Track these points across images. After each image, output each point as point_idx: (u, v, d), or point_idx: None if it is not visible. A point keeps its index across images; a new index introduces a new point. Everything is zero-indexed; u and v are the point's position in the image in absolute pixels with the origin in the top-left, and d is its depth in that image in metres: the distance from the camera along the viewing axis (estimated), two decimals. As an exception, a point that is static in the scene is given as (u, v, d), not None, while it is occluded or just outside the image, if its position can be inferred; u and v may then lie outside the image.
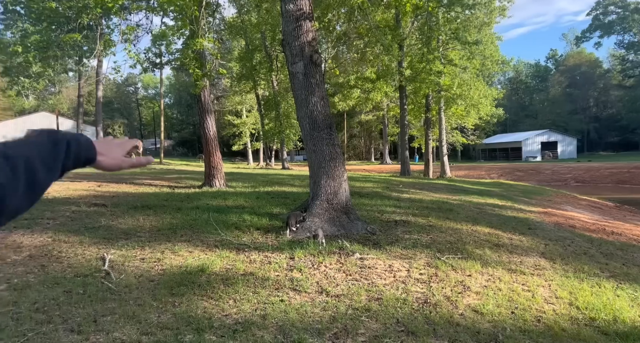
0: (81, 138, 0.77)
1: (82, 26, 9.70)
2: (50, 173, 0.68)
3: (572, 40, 70.96)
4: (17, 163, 0.63)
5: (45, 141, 0.71)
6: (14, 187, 0.61)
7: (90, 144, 0.78)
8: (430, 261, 4.68)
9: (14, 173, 0.61)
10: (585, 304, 3.67)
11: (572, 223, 8.17)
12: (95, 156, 0.78)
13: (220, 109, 43.31)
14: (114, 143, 0.86)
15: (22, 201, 0.63)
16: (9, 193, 0.60)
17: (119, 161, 0.83)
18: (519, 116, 66.14)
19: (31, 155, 0.66)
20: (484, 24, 22.26)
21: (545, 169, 32.64)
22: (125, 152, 0.86)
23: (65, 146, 0.71)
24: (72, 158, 0.73)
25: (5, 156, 0.62)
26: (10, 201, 0.60)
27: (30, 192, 0.65)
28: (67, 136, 0.74)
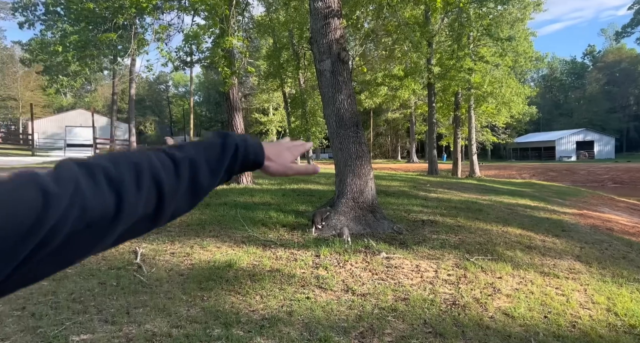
0: (250, 142, 0.75)
1: (117, 26, 10.02)
2: (213, 176, 0.67)
3: (611, 35, 67.82)
4: (182, 165, 0.62)
5: (214, 144, 0.70)
6: (175, 188, 0.60)
7: (260, 149, 0.75)
8: (459, 262, 4.59)
9: (177, 175, 0.61)
10: (625, 310, 3.51)
11: (609, 226, 7.82)
12: (263, 160, 0.76)
13: (248, 107, 43.86)
14: (284, 147, 0.82)
15: (182, 203, 0.63)
16: (170, 194, 0.59)
17: (286, 168, 0.80)
18: (552, 115, 63.83)
19: (197, 157, 0.65)
20: (518, 20, 21.55)
21: (581, 169, 31.39)
22: (295, 157, 0.83)
23: (233, 149, 0.70)
24: (239, 161, 0.71)
25: (173, 158, 0.62)
26: (170, 202, 0.60)
27: (191, 194, 0.64)
28: (237, 140, 0.72)
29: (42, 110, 51.55)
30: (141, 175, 0.57)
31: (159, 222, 0.61)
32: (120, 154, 0.59)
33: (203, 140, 0.71)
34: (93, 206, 0.49)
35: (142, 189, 0.56)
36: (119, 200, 0.52)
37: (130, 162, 0.58)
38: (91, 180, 0.51)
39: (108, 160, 0.56)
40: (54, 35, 13.40)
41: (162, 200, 0.58)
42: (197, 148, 0.68)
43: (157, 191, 0.58)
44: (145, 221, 0.58)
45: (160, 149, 0.65)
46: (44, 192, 0.46)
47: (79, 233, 0.49)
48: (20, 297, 3.29)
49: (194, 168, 0.64)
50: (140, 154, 0.61)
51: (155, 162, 0.60)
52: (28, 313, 3.02)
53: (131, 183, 0.55)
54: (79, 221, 0.48)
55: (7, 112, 53.53)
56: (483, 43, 19.11)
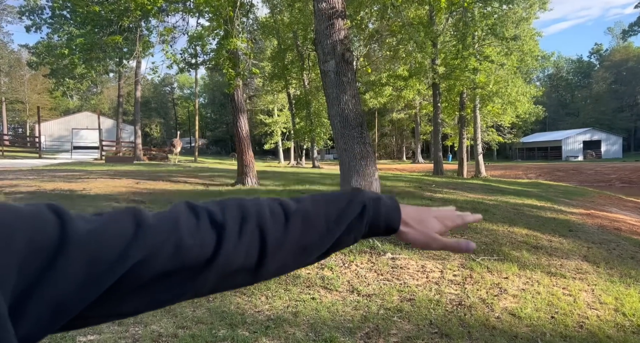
0: (384, 201, 0.66)
1: (122, 29, 10.11)
2: (329, 234, 0.60)
3: (618, 34, 67.29)
4: (294, 218, 0.58)
5: (339, 200, 0.63)
6: (281, 241, 0.56)
7: (395, 211, 0.65)
8: (465, 262, 4.57)
9: (285, 227, 0.57)
10: (633, 311, 3.47)
11: (617, 226, 7.75)
12: (398, 225, 0.66)
13: (253, 108, 44.00)
14: (431, 214, 0.69)
15: (289, 259, 0.58)
16: (275, 247, 0.55)
17: (429, 238, 0.67)
18: (559, 114, 63.44)
19: (313, 211, 0.60)
20: (523, 19, 21.45)
21: (588, 169, 31.14)
22: (446, 229, 0.69)
23: (359, 208, 0.63)
24: (365, 222, 0.63)
25: (285, 208, 0.59)
26: (273, 256, 0.55)
27: (301, 251, 0.59)
28: (366, 198, 0.64)
29: (49, 113, 52.06)
30: (245, 222, 0.54)
31: (260, 276, 0.56)
32: (233, 200, 0.58)
33: (331, 194, 0.65)
34: (188, 246, 0.48)
35: (244, 237, 0.53)
36: (217, 244, 0.50)
37: (238, 207, 0.56)
38: (193, 220, 0.50)
39: (217, 204, 0.56)
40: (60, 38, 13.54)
41: (265, 252, 0.55)
42: (318, 202, 0.63)
43: (260, 241, 0.54)
44: (244, 273, 0.55)
45: (277, 200, 0.62)
46: (138, 224, 0.47)
47: (171, 273, 0.47)
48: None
49: (307, 222, 0.59)
50: (252, 201, 0.59)
51: (264, 211, 0.57)
52: (35, 314, 3.05)
53: (233, 228, 0.53)
54: (171, 259, 0.47)
55: (14, 115, 54.12)
56: (488, 43, 19.04)
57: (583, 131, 51.78)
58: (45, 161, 21.41)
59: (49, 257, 0.40)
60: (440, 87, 19.92)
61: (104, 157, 24.58)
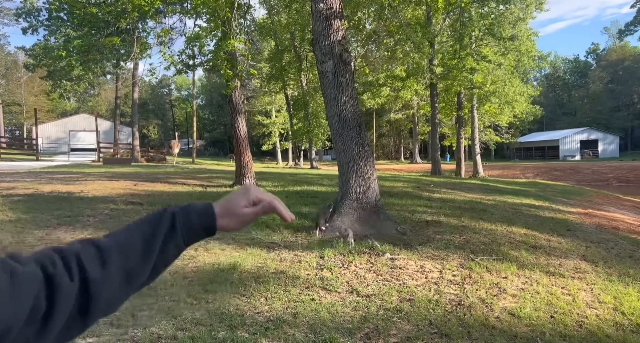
0: (193, 207, 0.68)
1: (120, 30, 10.08)
2: (147, 256, 0.61)
3: (614, 34, 67.44)
4: (110, 251, 0.58)
5: (151, 220, 0.65)
6: (103, 277, 0.56)
7: (207, 211, 0.68)
8: (464, 262, 4.57)
9: (102, 262, 0.57)
10: (632, 310, 3.48)
11: (615, 225, 7.77)
12: (214, 222, 0.68)
13: (250, 109, 43.96)
14: (235, 194, 0.74)
15: (115, 292, 0.59)
16: (98, 284, 0.55)
17: (243, 218, 0.72)
18: (556, 114, 63.59)
19: (127, 240, 0.61)
20: (520, 20, 21.50)
21: (585, 168, 31.23)
22: (249, 201, 0.73)
23: (169, 220, 0.64)
24: (179, 230, 0.65)
25: (99, 246, 0.59)
26: (99, 292, 0.56)
27: (124, 281, 0.59)
28: (175, 210, 0.66)
29: (46, 115, 51.90)
30: (71, 268, 0.54)
31: (89, 320, 0.57)
32: (53, 248, 0.58)
33: (144, 217, 0.67)
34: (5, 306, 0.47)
35: (74, 281, 0.54)
36: (51, 293, 0.51)
37: (58, 255, 0.56)
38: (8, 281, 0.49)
39: (45, 256, 0.55)
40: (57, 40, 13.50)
41: (87, 292, 0.55)
42: (130, 227, 0.64)
43: (80, 284, 0.55)
44: (75, 319, 0.54)
45: (88, 240, 0.61)
46: None
47: (22, 328, 0.48)
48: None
49: (123, 250, 0.60)
50: (67, 248, 0.58)
51: (80, 253, 0.57)
52: (34, 317, 3.03)
53: (63, 277, 0.53)
54: (28, 319, 0.48)
55: (11, 117, 53.95)
56: (485, 43, 19.07)
57: (580, 131, 51.92)
58: (42, 163, 21.33)
59: None
60: (438, 87, 19.94)
61: (101, 159, 24.51)
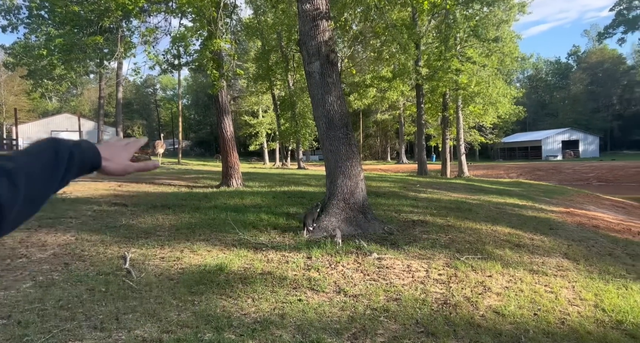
0: (84, 145, 0.75)
1: (103, 29, 9.92)
2: (50, 183, 0.67)
3: (594, 36, 69.05)
4: (18, 176, 0.62)
5: (47, 151, 0.69)
6: (13, 199, 0.60)
7: (95, 151, 0.76)
8: (449, 261, 4.62)
9: (13, 185, 0.61)
10: (612, 306, 3.56)
11: (595, 223, 7.95)
12: (100, 162, 0.76)
13: (237, 109, 43.72)
14: (119, 146, 0.83)
15: (22, 213, 0.63)
16: (8, 206, 0.59)
17: (124, 166, 0.81)
18: (538, 115, 64.75)
19: (32, 166, 0.65)
20: (503, 22, 21.84)
21: (567, 168, 31.89)
22: (131, 154, 0.83)
23: (67, 154, 0.70)
24: (75, 166, 0.71)
25: (6, 169, 0.62)
26: (9, 214, 0.60)
27: (30, 203, 0.64)
28: (69, 145, 0.72)
29: (27, 114, 50.71)
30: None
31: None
32: None
33: (34, 148, 0.70)
34: None
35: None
36: None
37: None
38: None
39: None
40: (38, 38, 13.20)
41: (1, 214, 0.59)
42: (30, 156, 0.67)
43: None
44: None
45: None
46: None
47: None
48: (5, 305, 3.22)
49: (30, 177, 0.64)
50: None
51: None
52: (14, 322, 2.96)
53: None
54: None
55: (-10, 117, 52.51)
56: (470, 44, 19.33)
57: (562, 131, 52.99)
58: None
59: None
60: (424, 88, 20.13)
61: (84, 160, 24.07)
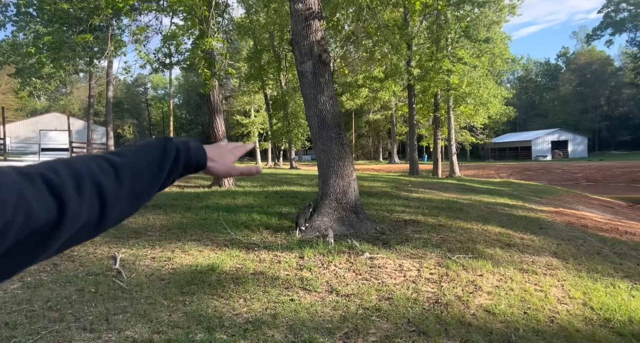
0: (192, 145, 0.76)
1: (93, 27, 9.80)
2: (155, 180, 0.68)
3: (582, 38, 70.01)
4: (124, 171, 0.63)
5: (155, 148, 0.70)
6: (117, 194, 0.60)
7: (202, 151, 0.77)
8: (441, 260, 4.65)
9: (118, 180, 0.61)
10: (600, 304, 3.61)
11: (584, 223, 8.06)
12: (206, 162, 0.77)
13: (229, 109, 43.52)
14: (226, 149, 0.84)
15: (125, 207, 0.63)
16: (112, 200, 0.59)
17: (228, 168, 0.81)
18: (528, 115, 65.48)
19: (138, 162, 0.66)
20: (494, 23, 22.03)
21: (556, 168, 32.27)
22: (236, 158, 0.84)
23: (174, 153, 0.71)
24: (181, 165, 0.72)
25: (114, 164, 0.62)
26: (112, 208, 0.59)
27: (134, 199, 0.64)
28: (177, 144, 0.73)
29: (15, 113, 50.00)
30: (82, 181, 0.56)
31: (102, 227, 0.60)
32: (59, 161, 0.59)
33: (143, 145, 0.71)
34: (37, 212, 0.49)
35: (84, 195, 0.55)
36: (61, 206, 0.52)
37: (69, 168, 0.57)
38: (32, 187, 0.50)
39: (46, 168, 0.56)
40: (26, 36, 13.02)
41: (105, 206, 0.58)
42: (138, 153, 0.68)
43: (99, 197, 0.58)
44: (88, 227, 0.58)
45: (100, 156, 0.65)
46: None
47: (24, 241, 0.48)
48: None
49: (135, 172, 0.64)
50: (78, 161, 0.60)
51: (94, 168, 0.60)
52: (1, 323, 2.92)
53: (72, 189, 0.54)
54: (23, 228, 0.47)
55: (-23, 115, 51.67)
56: (461, 45, 19.47)
57: (551, 132, 53.61)
58: (10, 163, 20.55)
59: None
60: (416, 88, 20.22)
61: (73, 159, 23.77)
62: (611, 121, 61.84)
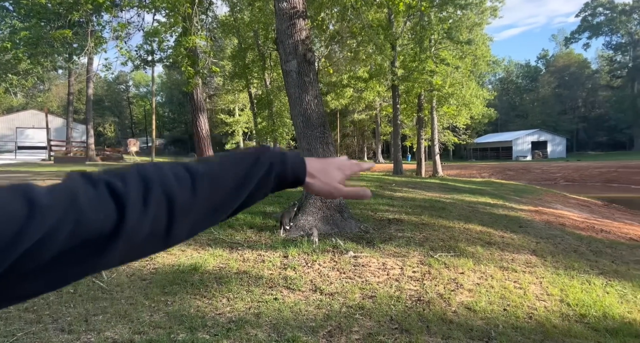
0: (289, 156, 0.69)
1: (72, 23, 9.57)
2: (239, 192, 0.62)
3: (561, 41, 71.74)
4: (202, 181, 0.57)
5: (245, 159, 0.65)
6: (188, 203, 0.55)
7: (300, 164, 0.69)
8: (424, 259, 4.71)
9: (192, 189, 0.56)
10: (576, 301, 3.71)
11: (562, 222, 8.26)
12: (304, 177, 0.69)
13: (213, 107, 43.12)
14: (334, 165, 0.74)
15: (200, 220, 0.58)
16: (181, 209, 0.54)
17: (332, 188, 0.71)
18: (509, 116, 66.70)
19: (221, 172, 0.61)
20: (476, 25, 22.40)
21: (535, 168, 32.97)
22: (346, 177, 0.74)
23: (266, 165, 0.65)
24: (273, 178, 0.65)
25: (192, 172, 0.57)
26: (182, 220, 0.54)
27: (212, 211, 0.59)
28: (272, 155, 0.67)
29: (-10, 110, 48.47)
30: (150, 190, 0.52)
31: (171, 241, 0.56)
32: (131, 167, 0.55)
33: (236, 154, 0.66)
34: (89, 221, 0.46)
35: (150, 205, 0.51)
36: (120, 216, 0.48)
37: (140, 175, 0.54)
38: (92, 194, 0.48)
39: (115, 174, 0.53)
40: (2, 31, 12.64)
41: (173, 217, 0.54)
42: (224, 163, 0.63)
43: (167, 208, 0.53)
44: (155, 239, 0.53)
45: (180, 163, 0.60)
46: (30, 203, 0.43)
47: (74, 250, 0.45)
48: (-34, 309, 3.07)
49: (215, 183, 0.59)
50: (154, 168, 0.56)
51: (169, 176, 0.55)
52: (-25, 326, 2.83)
53: (137, 198, 0.51)
54: (73, 236, 0.45)
55: (-51, 112, 49.93)
56: (444, 46, 19.71)
57: (531, 132, 54.76)
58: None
59: None
60: (400, 89, 20.40)
61: (52, 157, 23.22)
62: (588, 122, 63.54)
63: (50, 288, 0.47)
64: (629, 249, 6.14)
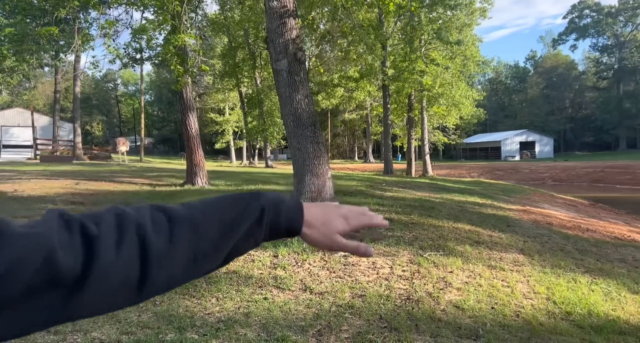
0: (285, 204, 0.62)
1: (59, 20, 9.43)
2: (223, 242, 0.56)
3: (549, 42, 72.69)
4: (180, 227, 0.53)
5: (235, 205, 0.59)
6: (165, 253, 0.51)
7: (296, 213, 0.63)
8: (413, 258, 4.73)
9: (169, 236, 0.52)
10: (562, 299, 3.77)
11: (549, 221, 8.37)
12: (300, 228, 0.63)
13: (203, 106, 42.85)
14: (337, 212, 0.67)
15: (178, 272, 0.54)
16: (156, 258, 0.51)
17: (331, 242, 0.65)
18: (498, 116, 67.44)
19: (204, 219, 0.56)
20: (465, 25, 22.59)
21: (524, 168, 33.38)
22: (351, 229, 0.67)
23: (257, 213, 0.59)
24: (264, 227, 0.60)
25: (171, 216, 0.54)
26: (157, 270, 0.51)
27: (192, 262, 0.54)
28: (265, 202, 0.61)
29: (-26, 108, 47.53)
30: (123, 234, 0.50)
31: (146, 293, 0.52)
32: (111, 209, 0.53)
33: (226, 198, 0.61)
34: (58, 259, 0.44)
35: (122, 250, 0.49)
36: (88, 259, 0.46)
37: (116, 218, 0.51)
38: (65, 234, 0.46)
39: (92, 216, 0.51)
40: (-14, 27, 12.38)
41: (147, 265, 0.50)
42: (209, 208, 0.58)
43: (141, 254, 0.50)
44: (127, 290, 0.50)
45: (162, 206, 0.56)
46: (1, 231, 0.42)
47: (42, 288, 0.43)
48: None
49: (195, 230, 0.55)
50: (132, 211, 0.54)
51: (145, 220, 0.52)
52: (-42, 328, 2.78)
53: (108, 241, 0.48)
54: (39, 272, 0.43)
55: None
56: (434, 46, 19.86)
57: (520, 133, 55.44)
58: (-31, 160, 19.56)
59: None
60: (390, 89, 20.49)
61: (38, 156, 22.88)
62: (575, 122, 64.54)
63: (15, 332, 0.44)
64: (613, 247, 6.25)
